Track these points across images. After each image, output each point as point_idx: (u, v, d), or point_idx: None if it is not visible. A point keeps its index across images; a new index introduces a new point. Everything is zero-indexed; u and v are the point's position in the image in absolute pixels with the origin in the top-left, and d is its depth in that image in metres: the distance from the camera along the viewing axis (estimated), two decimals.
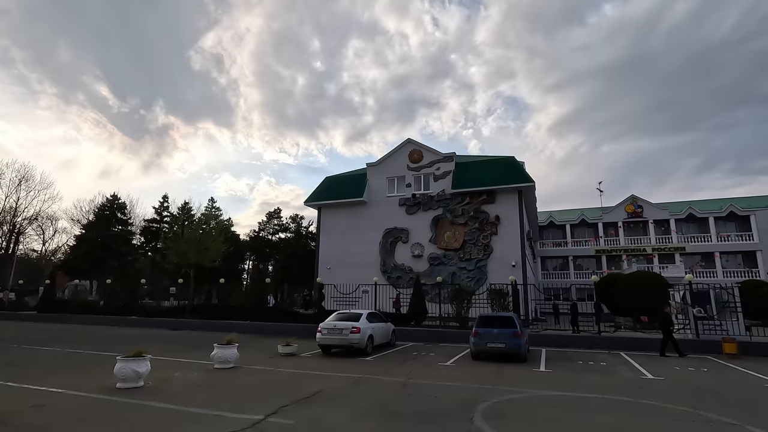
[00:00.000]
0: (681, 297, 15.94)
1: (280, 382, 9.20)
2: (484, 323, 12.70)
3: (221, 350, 10.84)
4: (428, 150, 28.77)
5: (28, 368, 10.45)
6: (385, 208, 28.68)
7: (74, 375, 9.66)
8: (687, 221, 43.00)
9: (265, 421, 6.09)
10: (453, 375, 10.21)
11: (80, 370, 10.48)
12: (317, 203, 30.76)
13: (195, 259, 25.70)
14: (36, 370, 10.11)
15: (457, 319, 18.41)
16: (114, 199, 42.60)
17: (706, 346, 14.27)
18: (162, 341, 16.86)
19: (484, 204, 26.13)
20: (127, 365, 8.27)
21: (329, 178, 31.98)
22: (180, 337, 18.78)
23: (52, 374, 9.66)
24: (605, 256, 45.09)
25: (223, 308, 23.11)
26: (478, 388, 8.66)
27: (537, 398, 7.82)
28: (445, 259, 26.32)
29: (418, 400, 7.58)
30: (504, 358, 12.47)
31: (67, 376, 9.43)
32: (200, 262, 25.46)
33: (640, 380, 9.81)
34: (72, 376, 9.44)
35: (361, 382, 9.22)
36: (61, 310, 27.58)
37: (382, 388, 8.55)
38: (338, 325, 13.35)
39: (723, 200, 44.48)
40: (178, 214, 48.28)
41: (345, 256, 28.44)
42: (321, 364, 11.63)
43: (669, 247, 42.40)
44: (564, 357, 13.39)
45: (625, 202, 45.33)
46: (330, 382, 9.07)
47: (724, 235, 41.26)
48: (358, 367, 11.33)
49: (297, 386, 8.65)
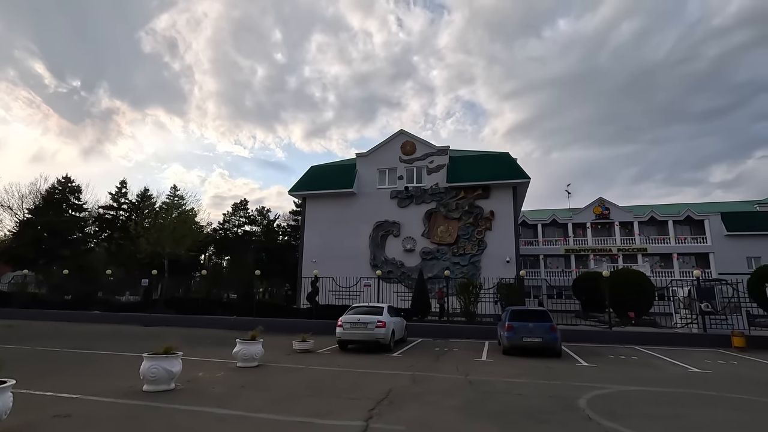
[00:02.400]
0: (687, 292, 16.41)
1: (328, 381, 8.14)
2: (517, 317, 12.20)
3: (246, 346, 9.54)
4: (421, 142, 28.17)
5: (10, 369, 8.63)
6: (376, 200, 27.74)
7: (75, 377, 8.08)
8: (649, 224, 45.48)
9: (371, 428, 5.10)
10: (504, 371, 9.58)
11: (76, 370, 8.83)
12: (302, 193, 29.24)
13: (170, 248, 23.46)
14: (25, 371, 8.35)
15: (464, 314, 17.90)
16: (66, 181, 38.30)
17: (714, 340, 14.67)
18: (142, 338, 14.98)
19: (479, 199, 25.92)
20: (159, 364, 6.89)
21: (315, 167, 30.52)
22: (159, 334, 16.77)
23: (47, 376, 8.00)
24: (574, 255, 46.73)
25: (204, 302, 21.19)
26: (549, 384, 8.09)
27: (624, 393, 7.35)
28: (438, 253, 25.84)
29: (506, 398, 6.86)
30: (537, 353, 12.06)
31: (68, 379, 7.85)
32: (176, 251, 23.28)
33: (691, 373, 9.68)
34: (73, 378, 7.87)
35: (419, 380, 8.36)
36: (4, 304, 24.23)
37: (451, 386, 7.74)
38: (362, 319, 12.36)
39: (681, 205, 47.56)
40: (137, 201, 44.63)
41: (332, 249, 27.20)
42: (350, 361, 10.62)
43: (632, 247, 44.63)
44: (589, 352, 13.19)
45: (593, 204, 47.21)
46: (386, 381, 8.14)
47: (682, 238, 44.06)
48: (393, 363, 10.46)
49: (355, 386, 7.66)
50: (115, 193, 43.13)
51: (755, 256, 41.38)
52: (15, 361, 9.33)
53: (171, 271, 24.88)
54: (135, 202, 43.80)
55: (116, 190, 43.27)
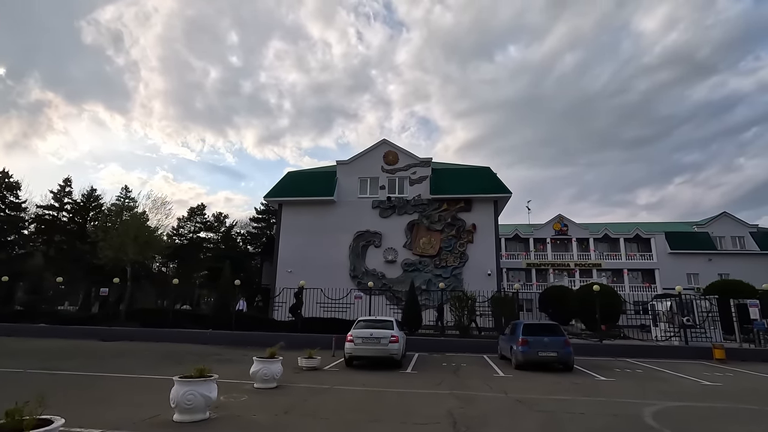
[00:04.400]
0: (669, 307, 17.30)
1: (371, 403, 7.47)
2: (531, 331, 12.14)
3: (266, 365, 8.60)
4: (404, 153, 28.04)
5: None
6: (357, 209, 27.11)
7: (79, 405, 6.76)
8: (603, 240, 48.32)
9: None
10: (537, 388, 9.35)
11: (75, 397, 7.45)
12: (279, 199, 27.97)
13: (133, 254, 21.31)
14: None
15: (458, 327, 17.69)
16: (3, 176, 33.96)
17: (696, 352, 15.50)
18: (115, 356, 13.31)
19: (461, 212, 26.11)
20: (195, 389, 5.93)
21: (292, 173, 29.40)
22: (125, 350, 14.99)
23: None
24: (535, 269, 48.50)
25: (177, 314, 19.37)
26: (596, 401, 7.96)
27: (678, 410, 7.34)
28: (421, 265, 25.62)
29: (575, 419, 6.59)
30: (547, 367, 12.04)
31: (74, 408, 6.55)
32: (142, 257, 21.17)
33: (708, 387, 9.99)
34: (79, 407, 6.58)
35: (464, 400, 7.91)
36: None
37: (505, 407, 7.38)
38: (375, 333, 11.72)
39: (631, 224, 51.06)
40: (82, 201, 40.68)
41: (309, 258, 26.13)
42: (369, 379, 9.96)
43: (588, 263, 47.13)
44: (592, 365, 13.31)
45: (553, 220, 49.48)
46: (432, 401, 7.63)
47: (632, 254, 47.20)
48: (415, 381, 9.97)
49: (406, 408, 7.07)
50: (58, 192, 38.98)
51: (694, 273, 45.17)
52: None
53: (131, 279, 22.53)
54: (80, 203, 39.91)
55: (59, 189, 39.13)
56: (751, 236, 46.02)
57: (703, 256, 45.76)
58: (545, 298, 34.46)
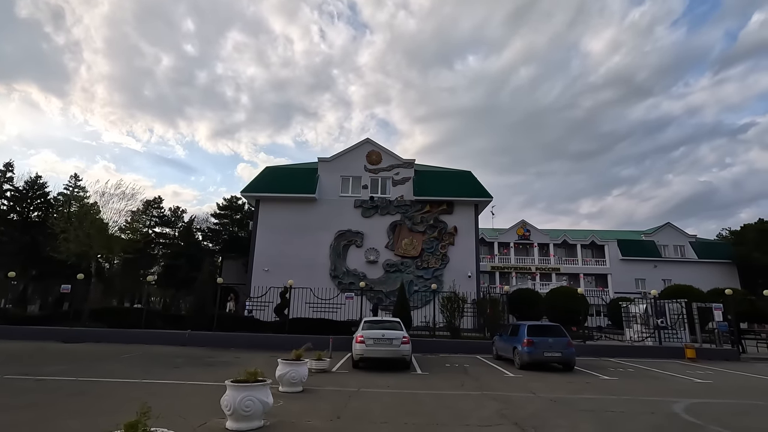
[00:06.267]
0: (644, 309, 18.45)
1: (412, 406, 7.29)
2: (536, 332, 12.48)
3: (294, 368, 8.16)
4: (387, 153, 27.93)
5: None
6: (338, 208, 26.64)
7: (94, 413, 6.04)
8: (562, 246, 50.86)
9: None
10: (557, 387, 9.58)
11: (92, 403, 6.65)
12: (256, 195, 26.87)
13: (99, 249, 19.58)
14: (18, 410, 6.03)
15: (449, 329, 17.83)
16: None
17: (669, 351, 16.64)
18: (90, 359, 12.20)
19: (443, 214, 26.42)
20: (253, 395, 5.48)
21: (270, 168, 28.37)
22: (100, 352, 13.72)
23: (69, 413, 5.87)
24: (498, 272, 50.11)
25: (149, 314, 18.02)
26: (621, 399, 8.26)
27: (704, 406, 7.76)
28: (403, 266, 25.61)
29: (618, 417, 6.79)
30: (550, 366, 12.43)
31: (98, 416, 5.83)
32: (109, 252, 19.48)
33: (702, 384, 10.69)
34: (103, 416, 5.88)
35: (501, 400, 7.94)
36: None
37: (544, 407, 7.48)
38: (387, 334, 11.53)
39: (587, 231, 54.13)
40: (24, 189, 37.00)
41: (287, 257, 25.32)
42: (386, 381, 9.78)
43: (548, 267, 49.42)
44: (585, 365, 13.86)
45: (516, 225, 51.41)
46: (472, 402, 7.59)
47: (587, 260, 50.01)
48: (434, 382, 9.92)
49: (452, 410, 6.99)
50: None
51: (642, 278, 48.69)
52: None
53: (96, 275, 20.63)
54: (23, 190, 36.30)
55: None
56: (690, 246, 50.25)
57: (649, 263, 49.40)
58: (514, 300, 35.66)
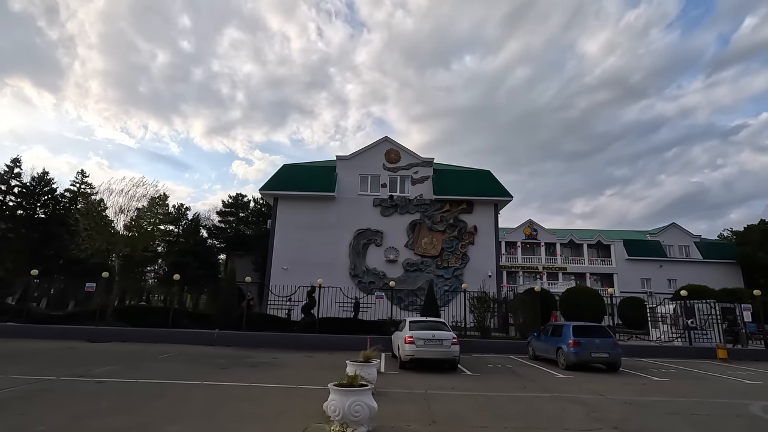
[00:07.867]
0: (674, 310, 18.54)
1: (496, 409, 7.22)
2: (581, 333, 12.44)
3: (365, 369, 8.05)
4: (406, 151, 27.81)
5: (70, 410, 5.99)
6: (357, 207, 26.50)
7: (174, 418, 5.89)
8: (568, 246, 51.08)
9: None
10: (619, 389, 9.55)
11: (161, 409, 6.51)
12: (274, 193, 26.65)
13: (122, 247, 19.29)
14: None
15: (479, 329, 17.80)
16: None
17: (700, 352, 16.70)
18: (131, 359, 12.01)
19: (463, 213, 26.37)
20: (361, 400, 5.37)
21: (288, 165, 28.15)
22: (135, 352, 13.48)
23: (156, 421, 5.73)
24: (506, 272, 50.18)
25: (177, 312, 17.80)
26: (692, 402, 8.24)
27: None
28: (423, 265, 25.54)
29: (710, 421, 6.75)
30: (593, 367, 12.43)
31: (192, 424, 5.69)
32: (134, 251, 19.18)
33: (753, 385, 10.72)
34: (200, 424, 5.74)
35: (580, 402, 7.88)
36: None
37: (630, 409, 7.43)
38: (437, 335, 11.42)
39: (594, 231, 54.36)
40: (31, 185, 36.47)
41: (306, 255, 25.15)
42: (446, 382, 9.71)
43: (555, 266, 49.60)
44: (625, 365, 13.84)
45: (524, 225, 51.53)
46: (552, 405, 7.53)
47: (593, 260, 50.26)
48: (490, 383, 9.87)
49: (542, 413, 6.92)
50: (4, 173, 34.56)
51: (647, 278, 49.07)
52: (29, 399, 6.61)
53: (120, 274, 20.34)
54: (31, 187, 35.79)
55: (6, 169, 34.72)
56: (695, 246, 50.67)
57: (655, 263, 49.78)
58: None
